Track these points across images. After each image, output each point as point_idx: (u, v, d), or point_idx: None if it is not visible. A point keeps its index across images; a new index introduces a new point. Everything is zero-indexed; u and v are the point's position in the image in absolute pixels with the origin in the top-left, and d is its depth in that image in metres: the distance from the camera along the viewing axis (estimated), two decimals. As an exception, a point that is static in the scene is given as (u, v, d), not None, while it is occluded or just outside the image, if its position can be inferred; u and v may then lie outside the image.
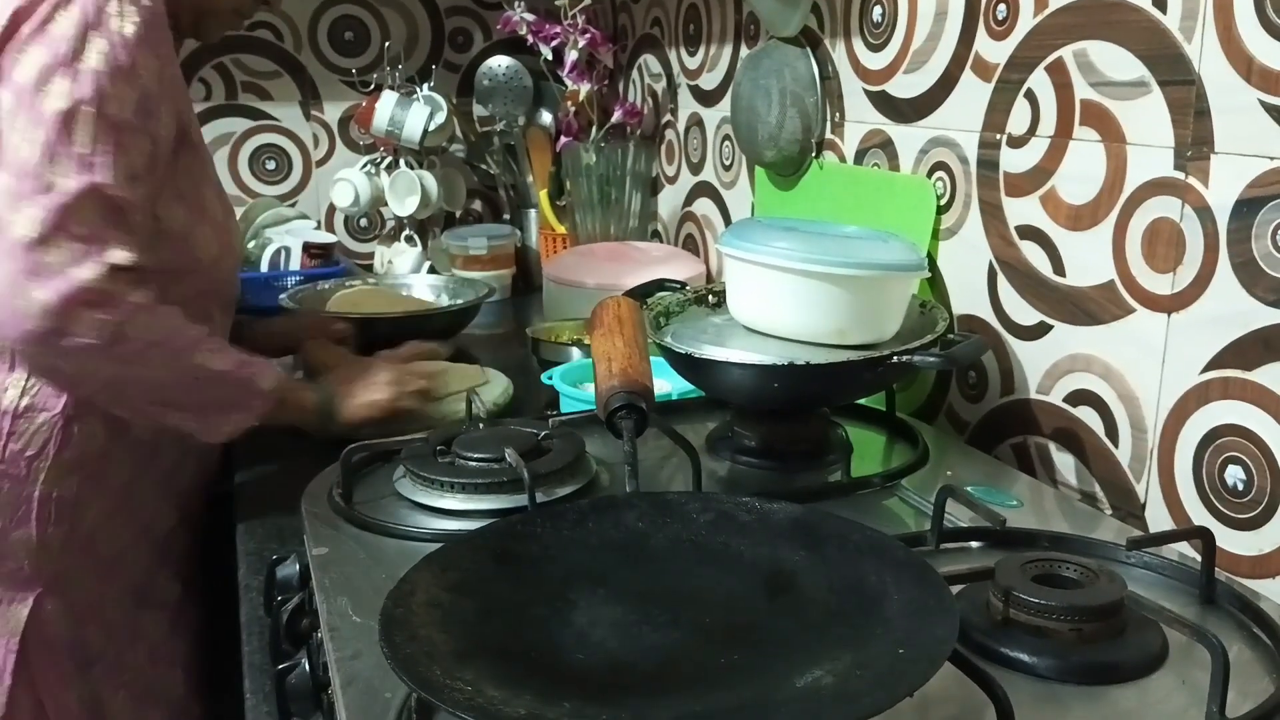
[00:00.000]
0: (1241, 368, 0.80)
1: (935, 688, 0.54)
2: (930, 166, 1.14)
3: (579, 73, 1.85)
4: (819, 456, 0.99)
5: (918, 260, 0.98)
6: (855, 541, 0.66)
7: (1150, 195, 0.87)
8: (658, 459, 0.99)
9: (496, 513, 0.84)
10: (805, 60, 1.33)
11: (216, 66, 2.03)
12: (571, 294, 1.61)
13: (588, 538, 0.71)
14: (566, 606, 0.64)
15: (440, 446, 0.93)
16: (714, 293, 1.11)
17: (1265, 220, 0.77)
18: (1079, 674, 0.63)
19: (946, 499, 0.78)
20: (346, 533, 0.85)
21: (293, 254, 1.83)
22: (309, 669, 0.74)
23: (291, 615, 0.81)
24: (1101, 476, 0.95)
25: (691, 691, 0.55)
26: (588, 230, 1.89)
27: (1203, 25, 0.81)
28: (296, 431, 1.23)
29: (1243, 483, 0.81)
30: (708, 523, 0.72)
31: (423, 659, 0.55)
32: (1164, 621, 0.64)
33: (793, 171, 1.39)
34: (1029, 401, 1.03)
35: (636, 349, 0.89)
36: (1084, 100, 0.93)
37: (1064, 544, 0.78)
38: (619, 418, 0.83)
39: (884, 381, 1.00)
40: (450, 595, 0.63)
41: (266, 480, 1.11)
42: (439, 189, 1.96)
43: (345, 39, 2.10)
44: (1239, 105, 0.79)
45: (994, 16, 1.03)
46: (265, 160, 2.10)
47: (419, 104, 1.89)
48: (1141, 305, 0.89)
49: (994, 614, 0.67)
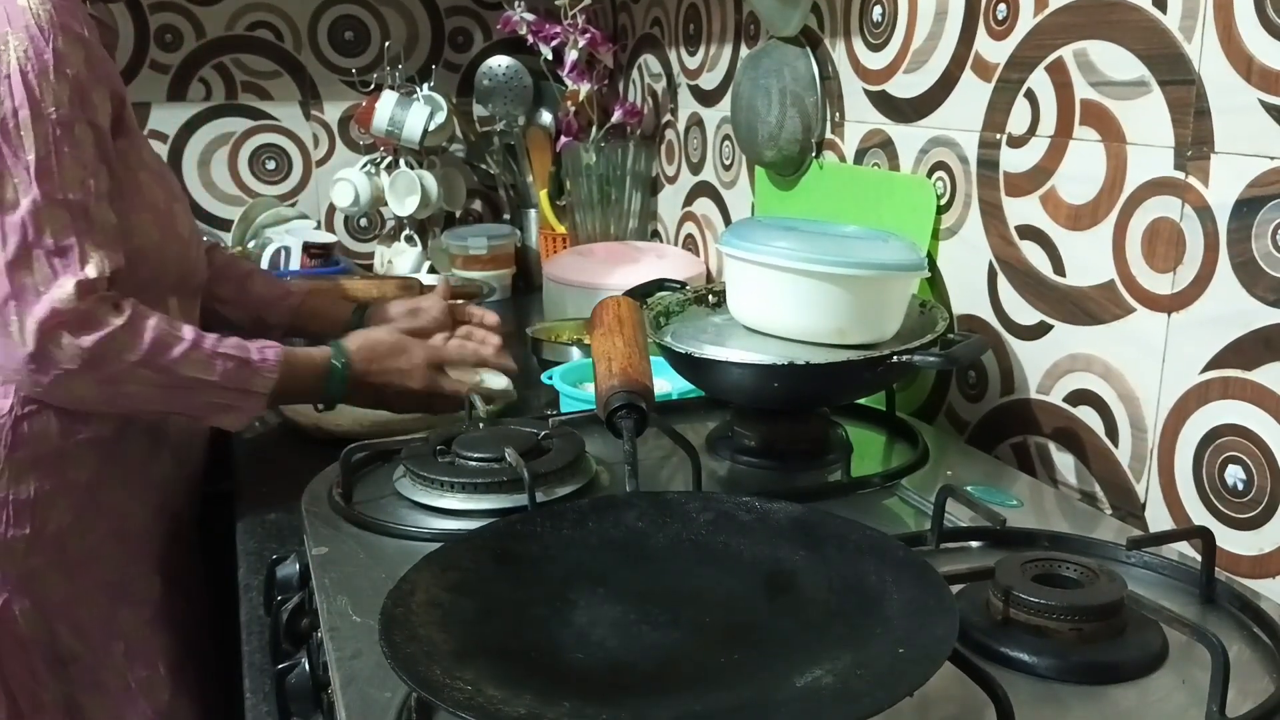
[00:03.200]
0: (1242, 367, 0.80)
1: (935, 687, 0.54)
2: (930, 166, 1.14)
3: (579, 73, 1.85)
4: (819, 456, 0.99)
5: (918, 260, 0.98)
6: (855, 541, 0.66)
7: (1150, 195, 0.87)
8: (658, 459, 0.99)
9: (496, 512, 0.84)
10: (805, 60, 1.33)
11: (216, 66, 2.03)
12: (571, 294, 1.61)
13: (588, 537, 0.71)
14: (566, 606, 0.64)
15: (440, 446, 0.93)
16: (714, 293, 1.11)
17: (1265, 220, 0.77)
18: (1079, 674, 0.63)
19: (946, 499, 0.78)
20: (346, 532, 0.85)
21: (293, 254, 1.83)
22: (309, 669, 0.74)
23: (291, 615, 0.81)
24: (1101, 476, 0.95)
25: (691, 691, 0.55)
26: (588, 230, 1.89)
27: (1203, 25, 0.81)
28: (296, 431, 1.23)
29: (1243, 482, 0.81)
30: (708, 522, 0.72)
31: (423, 659, 0.55)
32: (1164, 621, 0.64)
33: (793, 171, 1.39)
34: (1029, 401, 1.03)
35: (636, 349, 0.89)
36: (1084, 100, 0.93)
37: (1064, 544, 0.78)
38: (619, 417, 0.83)
39: (884, 381, 1.00)
40: (450, 595, 0.63)
41: (266, 480, 1.11)
42: (439, 189, 1.96)
43: (345, 39, 2.10)
44: (1239, 105, 0.79)
45: (994, 16, 1.03)
46: (265, 160, 2.10)
47: (419, 104, 1.89)
48: (1141, 305, 0.89)
49: (994, 614, 0.67)
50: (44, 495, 1.04)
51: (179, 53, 2.00)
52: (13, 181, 0.93)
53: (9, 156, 0.93)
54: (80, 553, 1.08)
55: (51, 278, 0.93)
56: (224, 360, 1.00)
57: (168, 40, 1.99)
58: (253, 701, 0.80)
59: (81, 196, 0.95)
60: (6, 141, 0.92)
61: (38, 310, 0.92)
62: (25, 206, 0.92)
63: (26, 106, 0.93)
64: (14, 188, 0.93)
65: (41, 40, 0.93)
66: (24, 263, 0.92)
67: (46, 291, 0.92)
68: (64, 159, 0.94)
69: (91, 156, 0.97)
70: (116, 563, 1.11)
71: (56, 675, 1.08)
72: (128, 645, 1.12)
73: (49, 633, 1.07)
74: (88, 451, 1.06)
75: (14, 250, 0.92)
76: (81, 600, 1.08)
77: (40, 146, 0.93)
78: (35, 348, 0.92)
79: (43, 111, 0.93)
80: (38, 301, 0.92)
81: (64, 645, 1.08)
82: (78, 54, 0.96)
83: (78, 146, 0.95)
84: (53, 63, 0.94)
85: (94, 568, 1.09)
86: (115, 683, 1.11)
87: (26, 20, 0.94)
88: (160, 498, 1.15)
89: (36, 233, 0.93)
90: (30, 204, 0.92)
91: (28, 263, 0.92)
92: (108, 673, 1.11)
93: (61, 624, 1.07)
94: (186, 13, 1.99)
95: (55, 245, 0.93)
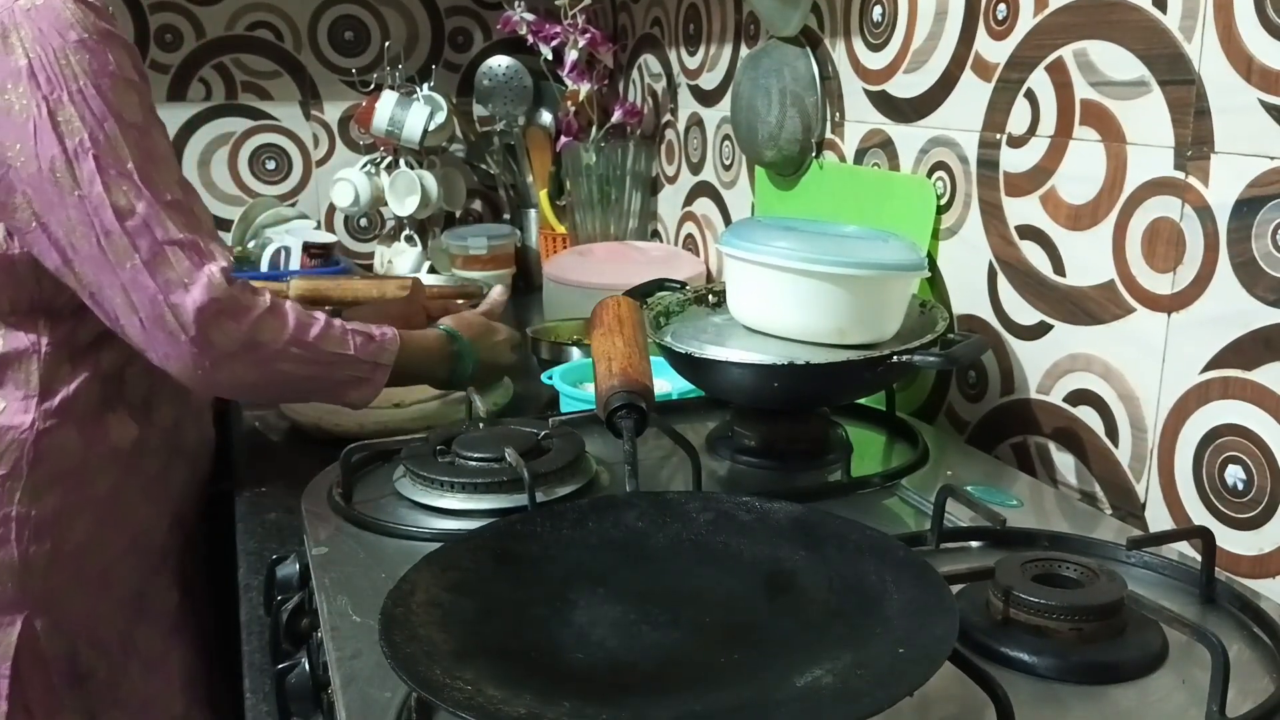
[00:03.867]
0: (1242, 367, 0.80)
1: (935, 687, 0.54)
2: (930, 166, 1.14)
3: (579, 73, 1.85)
4: (819, 456, 0.99)
5: (918, 260, 0.98)
6: (855, 541, 0.66)
7: (1150, 195, 0.87)
8: (658, 459, 0.99)
9: (496, 512, 0.84)
10: (805, 60, 1.33)
11: (216, 66, 2.03)
12: (571, 294, 1.61)
13: (588, 537, 0.71)
14: (566, 606, 0.64)
15: (440, 446, 0.93)
16: (714, 292, 1.11)
17: (1265, 220, 0.77)
18: (1079, 674, 0.63)
19: (946, 499, 0.78)
20: (346, 532, 0.85)
21: (293, 254, 1.83)
22: (309, 669, 0.74)
23: (291, 615, 0.81)
24: (1101, 476, 0.95)
25: (691, 691, 0.55)
26: (588, 230, 1.89)
27: (1203, 25, 0.81)
28: (296, 431, 1.23)
29: (1243, 482, 0.81)
30: (708, 522, 0.72)
31: (423, 659, 0.55)
32: (1164, 621, 0.64)
33: (793, 171, 1.39)
34: (1029, 401, 1.03)
35: (636, 349, 0.89)
36: (1084, 100, 0.93)
37: (1064, 544, 0.78)
38: (619, 417, 0.83)
39: (884, 381, 1.00)
40: (450, 595, 0.63)
41: (266, 480, 1.11)
42: (439, 189, 1.96)
43: (345, 39, 2.10)
44: (1239, 105, 0.79)
45: (994, 16, 1.03)
46: (265, 160, 2.10)
47: (419, 104, 1.89)
48: (1141, 305, 0.89)
49: (994, 613, 0.67)
50: (65, 511, 1.04)
51: (179, 53, 2.00)
52: (122, 189, 0.93)
53: (111, 169, 0.93)
54: (99, 568, 1.07)
55: (193, 269, 0.94)
56: (354, 335, 1.04)
57: (168, 40, 1.99)
58: (253, 701, 0.80)
59: (182, 196, 0.98)
60: (104, 155, 0.93)
61: (193, 298, 0.94)
62: (142, 210, 0.94)
63: (110, 119, 0.94)
64: (124, 195, 0.93)
65: (101, 53, 0.94)
66: (161, 260, 0.94)
67: (194, 282, 0.94)
68: (158, 164, 0.96)
69: (173, 157, 1.00)
70: (135, 577, 1.11)
71: (75, 692, 1.07)
72: (145, 661, 1.12)
73: (69, 650, 1.06)
74: (109, 464, 1.06)
75: (147, 251, 0.93)
76: (101, 617, 1.08)
77: (135, 154, 0.94)
78: (197, 333, 0.94)
79: (125, 120, 0.95)
80: (188, 292, 0.94)
81: (83, 662, 1.07)
82: (128, 59, 0.97)
83: (159, 148, 0.98)
84: (119, 73, 0.95)
85: (113, 583, 1.09)
86: (132, 699, 1.11)
87: (79, 34, 0.94)
88: (177, 507, 1.15)
89: (163, 231, 0.94)
90: (146, 207, 0.94)
91: (165, 259, 0.94)
92: (125, 690, 1.10)
93: (81, 641, 1.07)
94: (186, 13, 1.99)
95: (184, 241, 0.95)
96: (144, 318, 0.94)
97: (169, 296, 0.94)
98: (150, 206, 0.94)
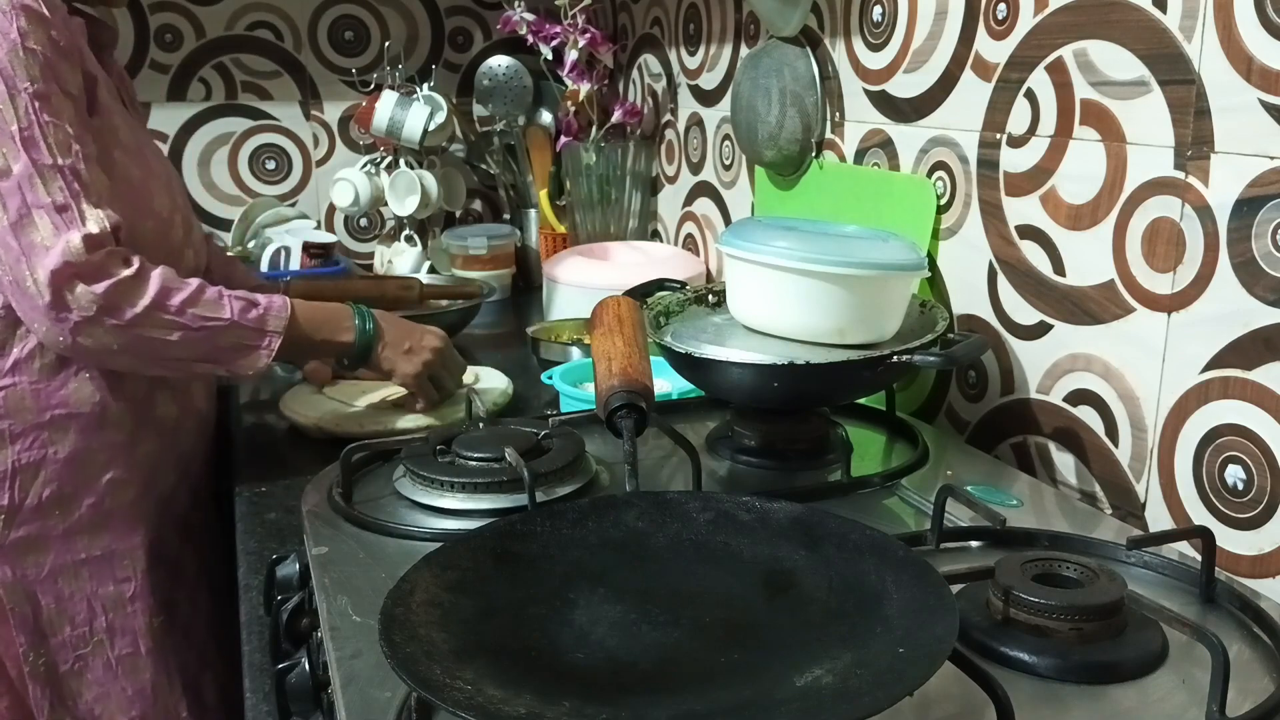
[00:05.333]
0: (1242, 367, 0.80)
1: (935, 687, 0.54)
2: (930, 166, 1.14)
3: (579, 72, 1.85)
4: (819, 456, 0.99)
5: (918, 260, 0.98)
6: (855, 541, 0.67)
7: (1150, 195, 0.87)
8: (658, 459, 1.00)
9: (496, 512, 0.84)
10: (805, 60, 1.33)
11: (216, 66, 2.03)
12: (571, 294, 1.61)
13: (587, 537, 0.71)
14: (566, 606, 0.64)
15: (440, 446, 0.93)
16: (714, 292, 1.11)
17: (1265, 220, 0.77)
18: (1079, 673, 0.63)
19: (946, 498, 0.78)
20: (346, 532, 0.85)
21: (293, 254, 1.83)
22: (309, 668, 0.74)
23: (291, 615, 0.82)
24: (1101, 476, 0.95)
25: (691, 691, 0.55)
26: (588, 230, 1.89)
27: (1203, 25, 0.81)
28: (296, 431, 1.23)
29: (1243, 482, 0.81)
30: (708, 522, 0.72)
31: (423, 658, 0.55)
32: (1164, 621, 0.64)
33: (793, 171, 1.39)
34: (1029, 401, 1.03)
35: (636, 348, 0.89)
36: (1084, 100, 0.93)
37: (1064, 543, 0.78)
38: (619, 417, 0.83)
39: (884, 381, 1.00)
40: (450, 595, 0.63)
41: (266, 480, 1.11)
42: (439, 189, 1.96)
43: (345, 39, 2.10)
44: (1239, 105, 0.79)
45: (994, 16, 1.03)
46: (265, 160, 2.10)
47: (419, 104, 1.89)
48: (1141, 305, 0.89)
49: (994, 613, 0.67)
50: (24, 467, 1.07)
51: (179, 53, 2.00)
52: (1, 151, 0.96)
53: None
54: (62, 527, 1.10)
55: (55, 233, 0.97)
56: (233, 301, 1.04)
57: (168, 40, 1.99)
58: (253, 701, 0.80)
59: (71, 160, 0.99)
60: None
61: (49, 261, 0.96)
62: (18, 171, 0.97)
63: (1, 83, 0.96)
64: (3, 156, 0.97)
65: (5, 21, 0.97)
66: (27, 222, 0.97)
67: (54, 246, 0.96)
68: (47, 128, 0.98)
69: (74, 123, 1.01)
70: (99, 538, 1.13)
71: (36, 647, 1.11)
72: (109, 621, 1.14)
73: (32, 604, 1.10)
74: (68, 425, 1.09)
75: (15, 213, 0.97)
76: (64, 573, 1.11)
77: (22, 118, 0.97)
78: (51, 297, 0.96)
79: (18, 86, 0.97)
80: (47, 254, 0.96)
81: (45, 618, 1.11)
82: (41, 32, 0.99)
83: (58, 115, 0.99)
84: (19, 41, 0.97)
85: (76, 542, 1.12)
86: (96, 659, 1.14)
87: None
88: (146, 476, 1.16)
89: (34, 195, 0.97)
90: (22, 169, 0.97)
91: (30, 222, 0.97)
92: (88, 648, 1.13)
93: (44, 596, 1.11)
94: (186, 13, 1.99)
95: (54, 204, 0.97)
96: (12, 280, 0.98)
97: (30, 259, 0.96)
98: (27, 168, 0.97)
